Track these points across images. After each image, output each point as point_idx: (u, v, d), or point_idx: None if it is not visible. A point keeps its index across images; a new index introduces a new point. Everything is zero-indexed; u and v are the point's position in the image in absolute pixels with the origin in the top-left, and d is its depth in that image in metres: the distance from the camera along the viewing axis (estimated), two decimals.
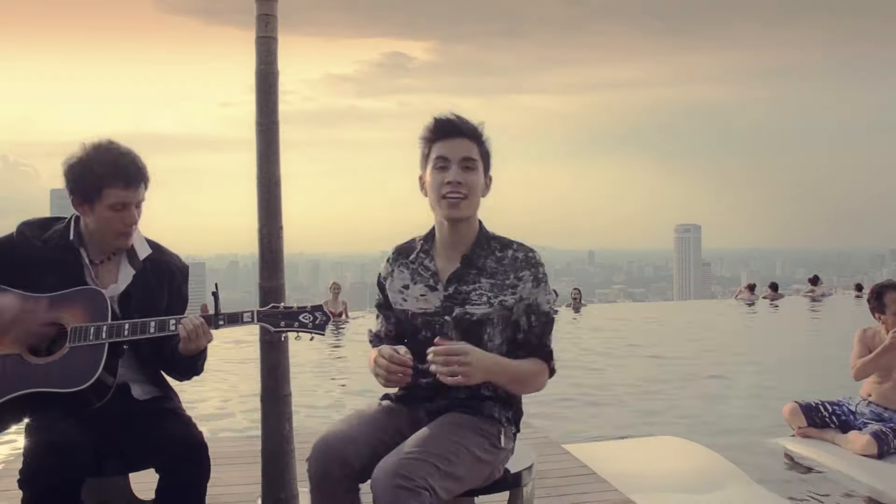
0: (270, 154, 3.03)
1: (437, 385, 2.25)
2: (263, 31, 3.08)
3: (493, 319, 2.30)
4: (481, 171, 2.33)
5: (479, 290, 2.31)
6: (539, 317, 2.32)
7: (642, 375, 9.14)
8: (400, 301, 2.40)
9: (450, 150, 2.29)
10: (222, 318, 2.47)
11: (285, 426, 3.05)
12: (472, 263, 2.33)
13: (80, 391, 2.37)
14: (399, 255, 2.47)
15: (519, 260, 2.34)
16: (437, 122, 2.33)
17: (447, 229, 2.35)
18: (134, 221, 2.54)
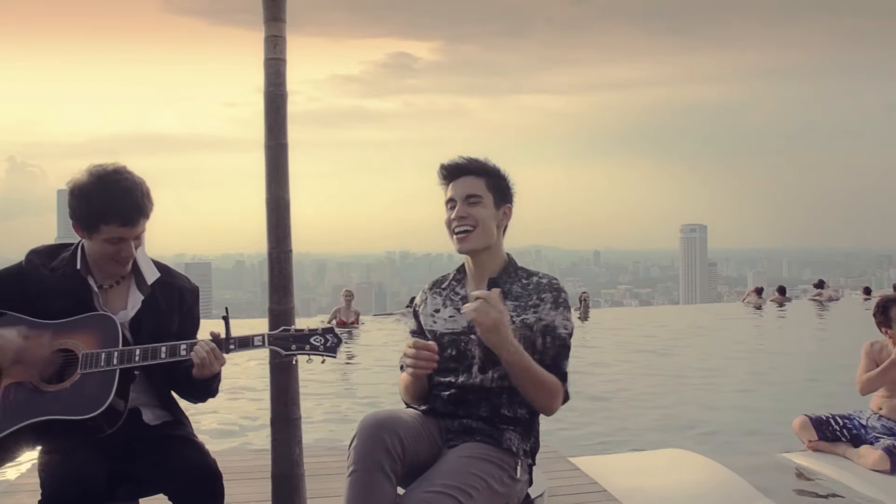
0: (279, 177, 3.02)
1: (458, 399, 2.39)
2: (272, 52, 3.07)
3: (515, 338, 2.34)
4: (490, 205, 2.45)
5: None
6: (555, 339, 2.39)
7: (648, 384, 9.12)
8: (430, 323, 2.53)
9: (456, 190, 2.46)
10: (233, 343, 2.47)
11: (295, 450, 3.04)
12: (496, 286, 2.39)
13: (92, 418, 2.36)
14: (434, 286, 2.62)
15: (542, 284, 2.44)
16: (445, 166, 2.51)
17: (472, 262, 2.51)
18: (130, 255, 2.52)
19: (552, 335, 2.38)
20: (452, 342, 2.45)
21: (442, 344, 2.44)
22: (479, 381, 2.39)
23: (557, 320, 2.39)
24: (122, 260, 2.52)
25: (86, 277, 2.55)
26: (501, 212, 2.48)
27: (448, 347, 2.45)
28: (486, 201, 2.44)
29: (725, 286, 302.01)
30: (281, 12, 3.08)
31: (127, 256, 2.52)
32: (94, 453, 2.35)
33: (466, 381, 2.40)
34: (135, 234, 2.50)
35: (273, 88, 3.05)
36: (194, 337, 2.69)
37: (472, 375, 2.40)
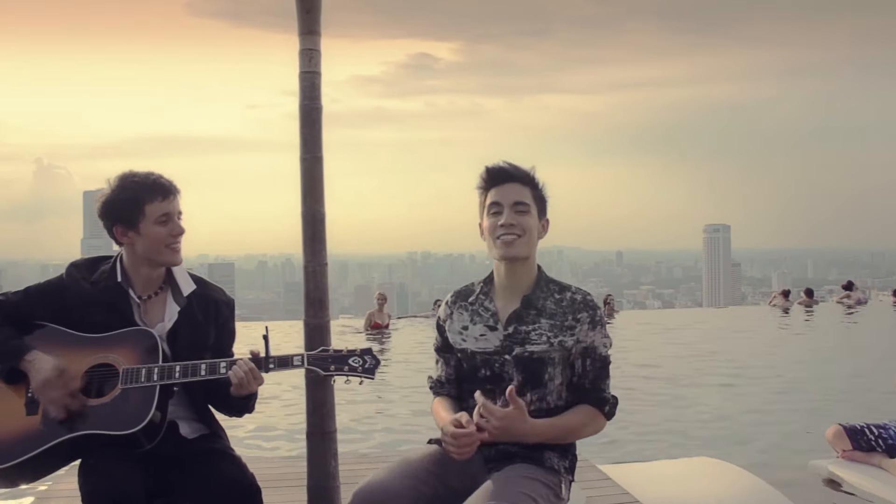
0: (315, 190, 3.03)
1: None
2: (307, 66, 3.08)
3: (553, 358, 2.34)
4: (535, 215, 2.40)
5: (539, 329, 2.35)
6: (595, 361, 2.37)
7: (675, 389, 9.04)
8: (460, 341, 2.45)
9: (502, 195, 2.38)
10: (273, 362, 2.49)
11: (331, 463, 3.05)
12: (531, 304, 2.38)
13: (133, 433, 2.38)
14: (458, 298, 2.53)
15: (577, 302, 2.38)
16: (490, 170, 2.43)
17: (504, 271, 2.42)
18: (181, 231, 2.57)
19: (592, 357, 2.36)
20: (486, 362, 2.39)
21: (475, 364, 2.41)
22: None
23: (597, 340, 2.36)
24: (174, 242, 2.56)
25: (126, 289, 2.58)
26: (542, 224, 2.45)
27: (482, 367, 2.40)
28: (533, 211, 2.40)
29: (749, 287, 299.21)
30: (316, 25, 3.09)
31: (178, 234, 2.57)
32: (133, 468, 2.37)
33: (504, 405, 2.30)
34: (176, 208, 2.57)
35: (308, 102, 3.06)
36: (230, 350, 2.71)
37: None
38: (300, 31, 3.09)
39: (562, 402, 2.37)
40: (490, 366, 2.38)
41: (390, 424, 7.33)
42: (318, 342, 2.98)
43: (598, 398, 2.36)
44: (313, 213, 3.03)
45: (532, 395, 2.34)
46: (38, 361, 2.41)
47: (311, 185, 3.04)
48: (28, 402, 2.43)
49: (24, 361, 2.42)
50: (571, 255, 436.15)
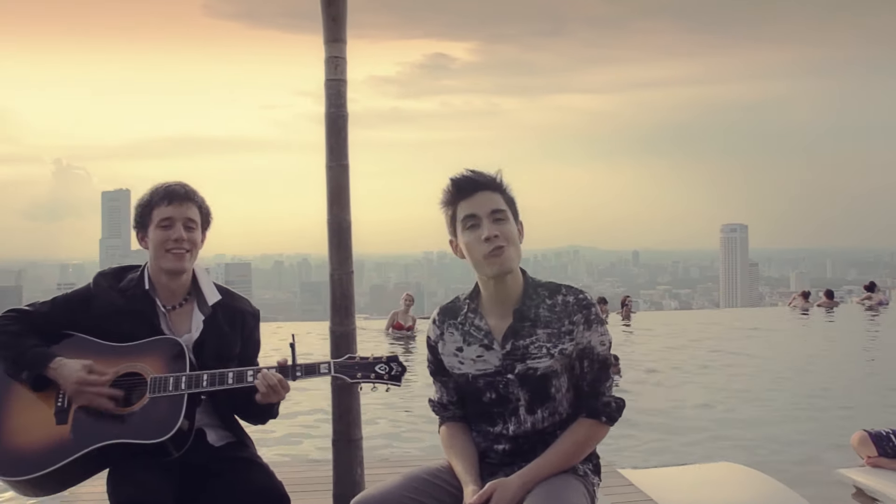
0: (341, 199, 3.03)
1: (514, 451, 2.28)
2: (333, 73, 3.08)
3: (557, 371, 2.26)
4: (512, 220, 2.29)
5: (537, 342, 2.26)
6: (593, 362, 2.29)
7: (697, 392, 8.97)
8: (457, 365, 2.34)
9: (476, 206, 2.26)
10: (299, 370, 2.49)
11: (357, 470, 3.05)
12: (524, 316, 2.28)
13: (161, 442, 2.39)
14: (445, 317, 2.40)
15: (570, 304, 2.28)
16: (456, 181, 2.30)
17: (493, 286, 2.30)
18: (181, 237, 2.56)
19: (590, 357, 2.28)
20: (489, 385, 2.29)
21: (478, 387, 2.30)
22: (531, 425, 2.28)
23: (593, 339, 2.27)
24: (174, 246, 2.56)
25: (153, 298, 2.59)
26: (518, 228, 2.32)
27: (486, 391, 2.30)
28: (509, 216, 2.28)
29: (767, 287, 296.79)
30: (342, 33, 3.10)
31: (177, 238, 2.56)
32: (162, 477, 2.38)
33: (518, 429, 2.28)
34: (182, 214, 2.57)
35: (334, 110, 3.06)
36: (255, 360, 2.73)
37: (521, 420, 2.28)
38: (326, 39, 3.10)
39: (572, 410, 2.30)
40: (494, 388, 2.28)
41: (411, 429, 7.32)
42: (345, 349, 2.99)
43: (594, 407, 2.28)
44: (339, 221, 3.03)
45: (543, 411, 2.27)
46: (63, 367, 2.43)
47: (337, 192, 3.04)
48: (58, 412, 2.44)
49: (48, 369, 2.43)
50: (587, 255, 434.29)
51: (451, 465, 2.32)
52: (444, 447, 2.39)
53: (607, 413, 2.28)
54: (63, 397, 2.45)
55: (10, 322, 2.54)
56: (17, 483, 2.42)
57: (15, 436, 2.42)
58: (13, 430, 2.43)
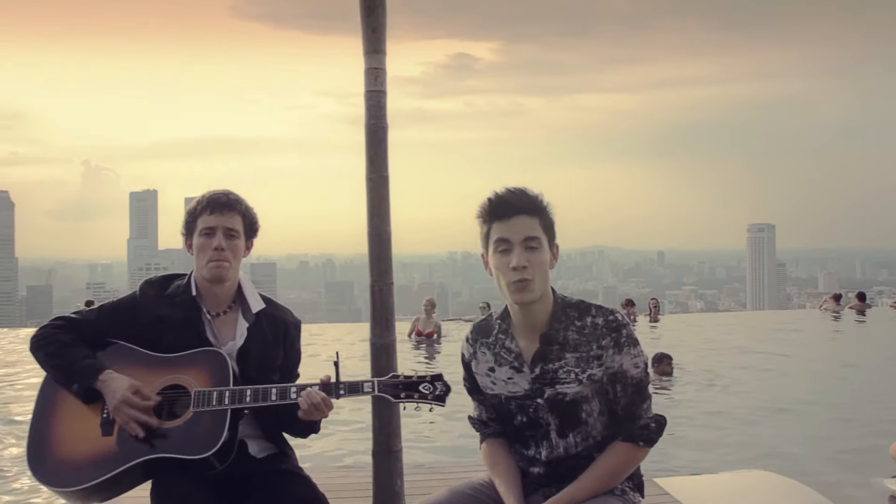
0: (381, 210, 3.02)
1: (549, 474, 2.25)
2: (373, 84, 3.07)
3: (587, 396, 2.21)
4: (546, 246, 2.21)
5: (566, 366, 2.20)
6: (626, 385, 2.21)
7: (731, 399, 8.87)
8: (489, 385, 2.31)
9: (510, 231, 2.18)
10: (343, 388, 2.46)
11: (396, 482, 3.05)
12: (552, 340, 2.22)
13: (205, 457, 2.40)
14: (479, 335, 2.37)
15: (599, 327, 2.20)
16: (493, 202, 2.22)
17: (519, 311, 2.25)
18: (221, 246, 2.55)
19: (623, 381, 2.20)
20: (520, 408, 2.26)
21: (509, 410, 2.28)
22: (564, 450, 2.24)
23: (626, 363, 2.19)
24: (214, 255, 2.55)
25: (200, 305, 2.59)
26: (552, 252, 2.24)
27: (517, 414, 2.27)
28: (543, 244, 2.20)
29: (795, 287, 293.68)
30: (381, 44, 3.09)
31: (217, 247, 2.55)
32: (205, 490, 2.39)
33: (550, 454, 2.25)
34: (224, 223, 2.57)
35: (374, 121, 3.05)
36: (296, 370, 2.72)
37: (553, 445, 2.25)
38: (365, 50, 3.09)
39: (607, 432, 2.25)
40: (525, 411, 2.25)
41: (442, 436, 7.30)
42: (385, 361, 2.99)
43: (630, 431, 2.22)
44: (379, 233, 3.02)
45: (575, 436, 2.23)
46: (112, 381, 2.43)
47: (377, 203, 3.03)
48: (103, 423, 2.44)
49: (98, 381, 2.43)
50: (612, 255, 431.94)
51: (494, 483, 2.30)
52: (487, 465, 2.36)
53: (645, 436, 2.22)
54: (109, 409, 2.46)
55: (59, 331, 2.55)
56: (63, 493, 2.44)
57: (62, 446, 2.43)
58: (60, 440, 2.44)
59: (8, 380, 11.23)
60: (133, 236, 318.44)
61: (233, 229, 2.58)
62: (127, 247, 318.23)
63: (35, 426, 2.48)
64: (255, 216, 2.67)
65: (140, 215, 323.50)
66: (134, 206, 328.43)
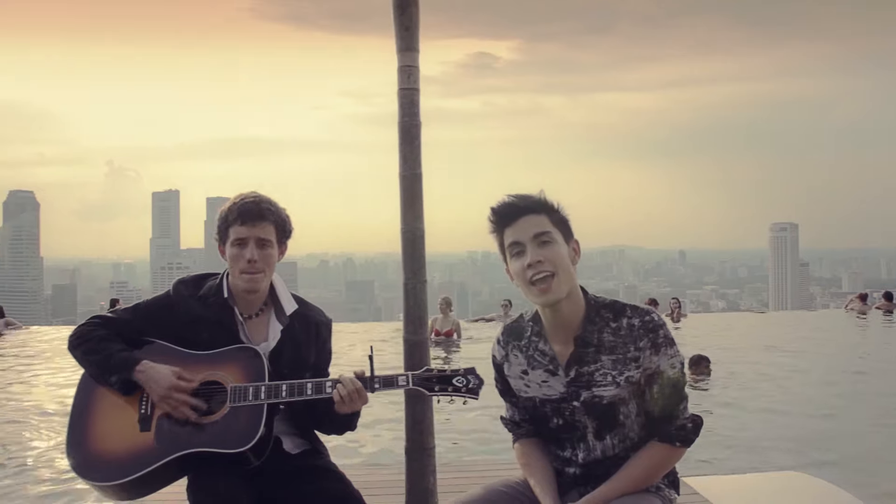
0: (415, 208, 3.02)
1: (585, 475, 2.24)
2: (406, 83, 3.08)
3: (624, 398, 2.19)
4: (561, 241, 2.18)
5: (602, 369, 2.18)
6: (663, 386, 2.18)
7: (762, 399, 8.79)
8: (523, 388, 2.30)
9: (519, 232, 2.17)
10: (378, 382, 2.47)
11: (430, 479, 3.05)
12: (587, 342, 2.20)
13: (242, 451, 2.41)
14: (510, 337, 2.35)
15: (636, 328, 2.18)
16: (497, 210, 2.22)
17: (550, 314, 2.22)
18: (253, 258, 2.56)
19: (659, 382, 2.18)
20: (556, 410, 2.24)
21: (545, 413, 2.26)
22: (601, 452, 2.23)
23: (663, 363, 2.17)
24: (246, 266, 2.56)
25: (232, 307, 2.61)
26: (571, 248, 2.21)
27: (553, 416, 2.25)
28: (557, 238, 2.16)
29: (818, 287, 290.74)
30: (414, 42, 3.09)
31: (250, 259, 2.55)
32: (242, 485, 2.40)
33: (587, 456, 2.23)
34: (255, 234, 2.56)
35: (408, 119, 3.06)
36: (327, 369, 2.73)
37: (590, 447, 2.23)
38: (399, 49, 3.10)
39: (643, 433, 2.24)
40: (560, 414, 2.23)
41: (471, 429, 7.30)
42: (418, 358, 3.00)
43: (667, 432, 2.19)
44: (413, 231, 3.02)
45: (612, 438, 2.22)
46: (152, 370, 2.45)
47: (410, 201, 3.03)
48: (141, 418, 2.46)
49: (136, 372, 2.45)
50: (633, 255, 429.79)
51: (529, 483, 2.29)
52: (521, 465, 2.35)
53: (681, 437, 2.20)
54: (146, 404, 2.48)
55: (96, 328, 2.58)
56: (101, 487, 2.46)
57: (101, 441, 2.46)
58: (99, 435, 2.47)
59: (35, 373, 11.41)
60: (156, 236, 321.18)
61: (265, 239, 2.58)
62: (150, 246, 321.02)
63: (74, 422, 2.51)
64: (286, 220, 2.66)
65: (162, 215, 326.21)
66: (157, 206, 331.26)
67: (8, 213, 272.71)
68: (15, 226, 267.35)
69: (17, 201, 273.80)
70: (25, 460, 6.50)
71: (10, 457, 6.61)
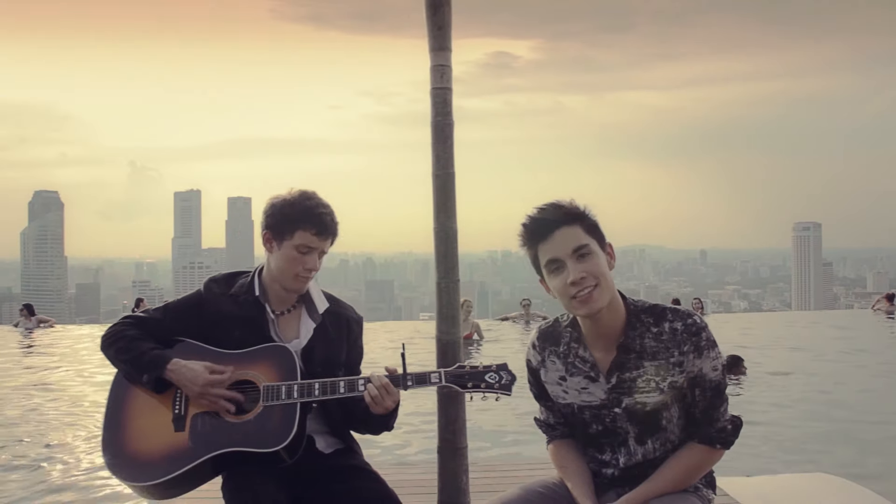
0: (448, 207, 3.02)
1: (624, 477, 2.22)
2: (439, 82, 3.08)
3: (667, 403, 2.17)
4: (598, 250, 2.13)
5: (645, 375, 2.15)
6: (705, 389, 2.15)
7: (793, 400, 8.70)
8: (561, 394, 2.27)
9: (556, 248, 2.11)
10: (410, 379, 2.46)
11: (462, 479, 3.05)
12: (629, 349, 2.17)
13: (276, 450, 2.41)
14: (546, 342, 2.31)
15: (678, 332, 2.14)
16: (529, 225, 2.15)
17: (589, 323, 2.19)
18: (314, 267, 2.57)
19: (702, 385, 2.15)
20: (596, 417, 2.22)
21: (584, 419, 2.24)
22: (642, 457, 2.21)
23: (705, 366, 2.14)
24: (304, 273, 2.56)
25: (264, 304, 2.61)
26: (607, 253, 2.16)
27: (592, 423, 2.23)
28: (595, 248, 2.11)
29: (842, 287, 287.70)
30: (447, 41, 3.09)
31: (310, 269, 2.57)
32: (277, 485, 2.40)
33: (628, 461, 2.22)
34: (322, 246, 2.57)
35: (441, 118, 3.06)
36: (359, 366, 2.73)
37: (631, 452, 2.21)
38: (431, 48, 3.10)
39: (684, 434, 2.22)
40: (601, 420, 2.21)
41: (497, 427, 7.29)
42: (451, 358, 3.00)
43: (707, 434, 2.18)
44: (446, 230, 3.02)
45: (653, 442, 2.20)
46: (184, 368, 2.46)
47: (443, 201, 3.03)
48: (175, 418, 2.47)
49: (168, 370, 2.46)
50: (654, 254, 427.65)
51: (565, 483, 2.27)
52: (556, 466, 2.34)
53: (722, 439, 2.18)
54: (180, 404, 2.49)
55: (127, 327, 2.59)
56: (139, 487, 2.47)
57: (136, 441, 2.47)
58: (134, 435, 2.48)
59: (74, 369, 11.55)
60: (177, 235, 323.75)
61: (325, 251, 2.61)
62: (171, 245, 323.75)
63: (109, 421, 2.53)
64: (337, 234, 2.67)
65: (184, 215, 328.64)
66: (178, 206, 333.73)
67: (33, 212, 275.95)
68: (40, 225, 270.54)
69: (42, 201, 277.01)
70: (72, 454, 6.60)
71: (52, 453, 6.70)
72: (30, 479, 5.95)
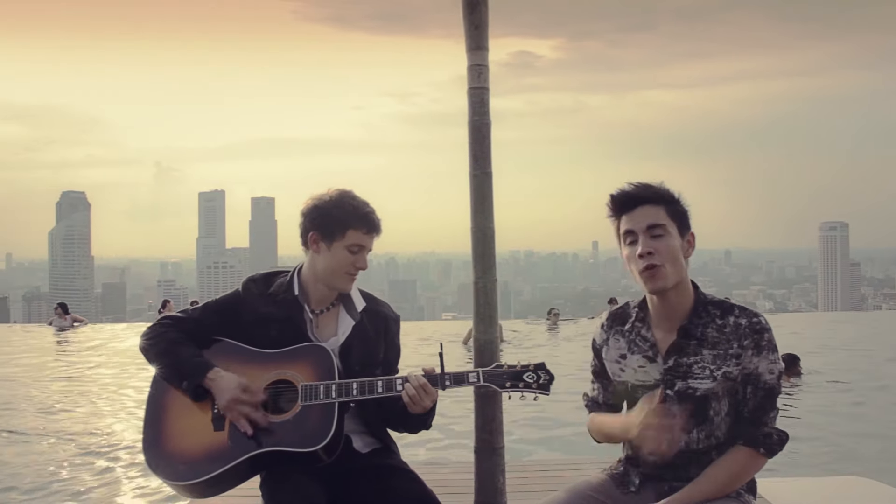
0: (485, 207, 3.02)
1: (668, 464, 2.21)
2: (476, 81, 3.08)
3: (717, 393, 2.18)
4: (674, 234, 2.20)
5: (701, 362, 2.18)
6: (757, 389, 2.16)
7: (825, 401, 8.61)
8: (618, 372, 2.31)
9: (634, 221, 2.21)
10: (448, 379, 2.46)
11: (499, 478, 3.05)
12: (690, 334, 2.21)
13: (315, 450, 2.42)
14: (614, 322, 2.38)
15: (742, 327, 2.17)
16: (615, 197, 2.25)
17: (657, 301, 2.25)
18: (364, 266, 2.60)
19: (755, 384, 2.16)
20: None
21: (636, 398, 2.25)
22: (685, 444, 2.20)
23: (762, 366, 2.16)
24: (354, 271, 2.60)
25: (302, 304, 2.61)
26: (686, 241, 2.23)
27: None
28: (671, 230, 2.19)
29: (870, 288, 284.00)
30: (484, 41, 3.09)
31: (361, 267, 2.60)
32: (316, 484, 2.41)
33: (672, 447, 2.20)
34: (371, 244, 2.60)
35: (478, 118, 3.06)
36: (396, 365, 2.73)
37: (675, 439, 2.20)
38: (468, 48, 3.10)
39: (730, 434, 2.21)
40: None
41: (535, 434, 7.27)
42: (489, 357, 3.00)
43: (753, 435, 2.17)
44: (483, 230, 3.02)
45: (699, 432, 2.20)
46: (221, 379, 2.46)
47: (480, 200, 3.03)
48: (214, 418, 2.48)
49: (206, 379, 2.47)
50: None
51: (600, 426, 2.35)
52: (594, 421, 2.39)
53: (767, 444, 2.17)
54: None
55: (168, 329, 2.61)
56: (178, 486, 2.48)
57: (175, 440, 2.49)
58: (173, 434, 2.50)
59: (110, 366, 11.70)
60: (202, 235, 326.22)
61: (370, 251, 2.63)
62: (196, 245, 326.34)
63: (149, 421, 2.55)
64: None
65: (208, 215, 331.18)
66: (202, 206, 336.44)
67: (61, 213, 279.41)
68: (67, 225, 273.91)
69: (69, 202, 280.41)
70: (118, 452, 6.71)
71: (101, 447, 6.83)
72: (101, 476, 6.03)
